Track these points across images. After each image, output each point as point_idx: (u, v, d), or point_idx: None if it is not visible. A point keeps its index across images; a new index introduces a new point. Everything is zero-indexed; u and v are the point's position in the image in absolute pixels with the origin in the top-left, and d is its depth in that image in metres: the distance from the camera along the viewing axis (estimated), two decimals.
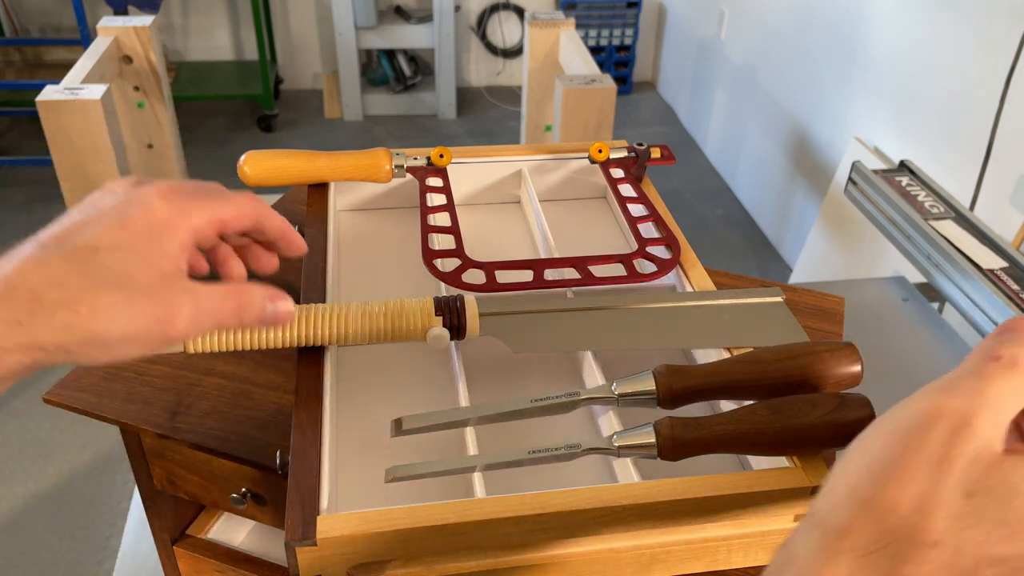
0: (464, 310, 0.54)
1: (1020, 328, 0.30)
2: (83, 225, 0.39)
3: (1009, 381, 0.28)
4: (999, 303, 1.03)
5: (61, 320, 0.37)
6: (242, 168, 0.74)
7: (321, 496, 0.48)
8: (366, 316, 0.52)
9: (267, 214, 0.46)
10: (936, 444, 0.27)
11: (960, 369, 0.29)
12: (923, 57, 1.79)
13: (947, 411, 0.28)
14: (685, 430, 0.50)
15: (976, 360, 0.29)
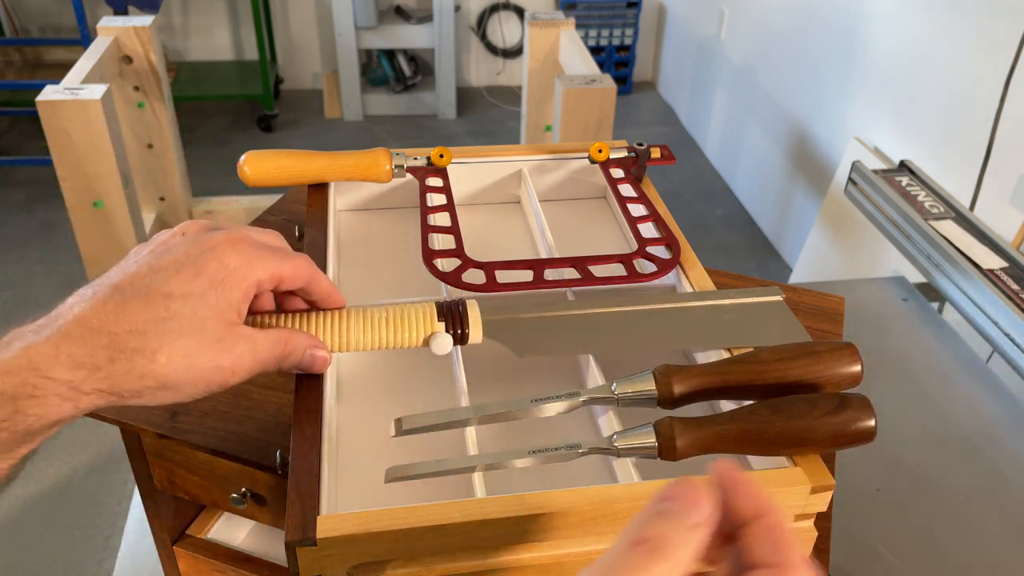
0: (467, 317, 0.53)
1: (675, 498, 0.28)
2: (158, 269, 0.40)
3: (653, 568, 0.26)
4: (999, 303, 1.03)
5: (139, 367, 0.38)
6: (242, 168, 0.74)
7: (321, 496, 0.48)
8: (367, 323, 0.50)
9: (318, 278, 0.48)
10: None
11: (608, 556, 0.27)
12: (923, 57, 1.79)
13: None
14: (685, 430, 0.50)
15: (621, 546, 0.27)
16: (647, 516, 0.28)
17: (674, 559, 0.26)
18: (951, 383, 1.03)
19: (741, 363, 0.53)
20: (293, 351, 0.45)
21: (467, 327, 0.51)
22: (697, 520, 0.27)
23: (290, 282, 0.45)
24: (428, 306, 0.52)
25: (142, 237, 1.93)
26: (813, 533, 0.53)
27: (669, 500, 0.28)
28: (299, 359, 0.46)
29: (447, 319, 0.51)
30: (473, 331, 0.52)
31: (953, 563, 0.80)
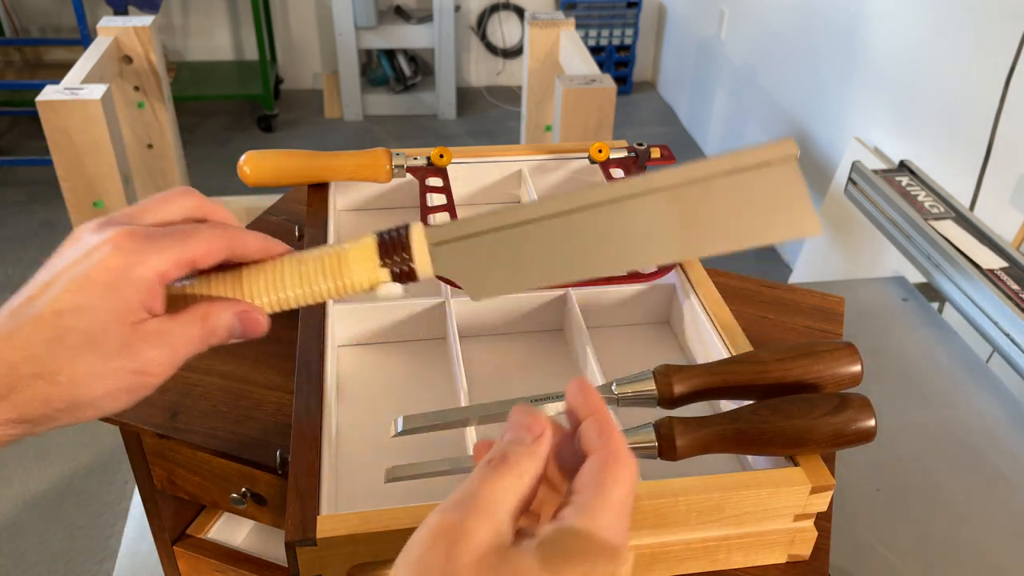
0: (410, 248, 0.43)
1: (515, 426, 0.33)
2: (48, 285, 0.38)
3: (500, 479, 0.31)
4: (999, 303, 1.03)
5: (41, 392, 0.37)
6: (242, 168, 0.74)
7: (321, 496, 0.48)
8: (300, 275, 0.43)
9: (242, 241, 0.42)
10: (439, 562, 0.29)
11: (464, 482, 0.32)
12: (923, 57, 1.79)
13: (443, 528, 0.30)
14: (685, 430, 0.50)
15: (477, 467, 0.32)
16: (498, 443, 0.33)
17: (519, 470, 0.32)
18: (951, 383, 1.03)
19: (741, 363, 0.53)
20: (217, 324, 0.41)
21: (412, 260, 0.43)
22: (535, 437, 0.33)
23: (206, 259, 0.41)
24: (367, 243, 0.43)
25: None
26: (813, 533, 0.53)
27: (511, 429, 0.33)
28: (227, 330, 0.41)
29: (389, 255, 0.43)
30: (420, 264, 0.43)
31: (953, 563, 0.80)
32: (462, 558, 0.29)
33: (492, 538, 0.29)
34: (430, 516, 0.30)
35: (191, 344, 0.40)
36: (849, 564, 0.79)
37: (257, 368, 0.68)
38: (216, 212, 0.43)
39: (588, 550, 0.29)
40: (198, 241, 0.40)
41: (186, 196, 0.42)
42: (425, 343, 0.69)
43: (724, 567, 0.53)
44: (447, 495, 0.31)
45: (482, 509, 0.30)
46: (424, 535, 0.30)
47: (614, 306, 0.71)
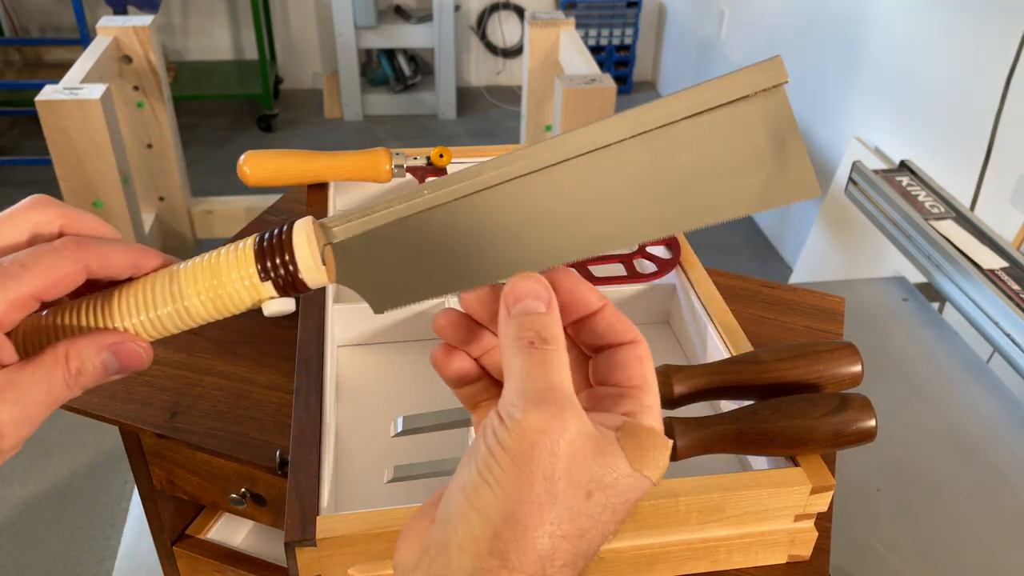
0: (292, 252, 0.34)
1: (523, 296, 0.32)
2: None
3: (553, 359, 0.30)
4: (999, 303, 1.03)
5: None
6: (242, 168, 0.74)
7: (321, 496, 0.48)
8: (173, 294, 0.35)
9: (100, 260, 0.34)
10: (545, 466, 0.28)
11: (513, 370, 0.30)
12: (923, 57, 1.79)
13: (538, 429, 0.29)
14: (685, 430, 0.49)
15: (518, 354, 0.31)
16: (518, 323, 0.31)
17: (559, 340, 0.31)
18: (951, 383, 1.03)
19: (741, 363, 0.53)
20: (84, 365, 0.34)
21: (295, 266, 0.34)
22: (546, 302, 0.32)
23: (55, 290, 0.33)
24: (244, 248, 0.35)
25: (141, 237, 1.93)
26: (814, 533, 0.53)
27: (521, 301, 0.32)
28: (99, 369, 0.34)
29: (268, 261, 0.34)
30: (306, 269, 0.34)
31: (953, 563, 0.80)
32: (564, 457, 0.29)
33: (580, 426, 0.29)
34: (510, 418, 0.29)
35: (53, 392, 0.33)
36: (849, 564, 0.79)
37: (257, 368, 0.67)
38: (77, 223, 0.36)
39: (657, 445, 0.31)
40: (37, 273, 0.32)
41: (36, 209, 0.35)
42: (425, 343, 0.69)
43: (724, 567, 0.53)
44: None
45: (562, 400, 0.29)
46: (516, 439, 0.29)
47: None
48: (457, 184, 0.33)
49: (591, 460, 0.29)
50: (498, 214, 0.33)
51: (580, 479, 0.29)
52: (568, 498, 0.29)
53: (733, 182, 0.33)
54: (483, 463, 0.29)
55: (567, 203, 0.33)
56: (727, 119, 0.32)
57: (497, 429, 0.29)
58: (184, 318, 0.35)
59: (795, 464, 0.51)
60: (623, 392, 0.32)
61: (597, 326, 0.34)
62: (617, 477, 0.29)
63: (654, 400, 0.32)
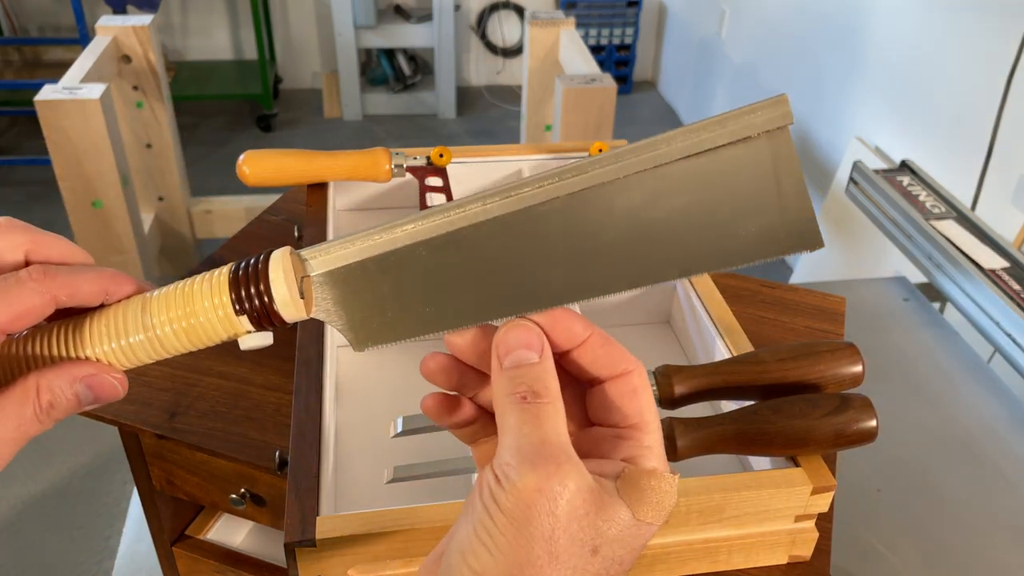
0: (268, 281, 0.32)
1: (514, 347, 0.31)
2: None
3: (548, 414, 0.30)
4: (1000, 303, 1.03)
5: None
6: (241, 168, 0.74)
7: (321, 497, 0.47)
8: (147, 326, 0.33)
9: (68, 289, 0.33)
10: (546, 529, 0.28)
11: (507, 426, 0.30)
12: (924, 56, 1.79)
13: (535, 490, 0.28)
14: (686, 430, 0.49)
15: (510, 409, 0.30)
16: (510, 376, 0.30)
17: (552, 392, 0.30)
18: (952, 383, 1.03)
19: (742, 363, 0.53)
20: (55, 397, 0.32)
21: (270, 298, 0.32)
22: (539, 350, 0.31)
23: (20, 322, 0.32)
24: (220, 276, 0.33)
25: (141, 237, 1.93)
26: (814, 534, 0.53)
27: (513, 352, 0.31)
28: (71, 401, 0.33)
29: (243, 292, 0.32)
30: (282, 302, 0.32)
31: (953, 563, 0.80)
32: (563, 515, 0.28)
33: (578, 481, 0.28)
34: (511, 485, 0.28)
35: (23, 428, 0.32)
36: (850, 564, 0.79)
37: (256, 368, 0.67)
38: (45, 248, 0.35)
39: (661, 488, 0.30)
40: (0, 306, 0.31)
41: (6, 234, 0.34)
42: (425, 343, 0.68)
43: (725, 568, 0.53)
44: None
45: (560, 456, 0.29)
46: (513, 501, 0.28)
47: (614, 306, 0.71)
48: (440, 219, 0.32)
49: (593, 516, 0.28)
50: (483, 252, 0.32)
51: (582, 536, 0.28)
52: (571, 556, 0.28)
53: (728, 230, 0.31)
54: (480, 525, 0.29)
55: (557, 244, 0.31)
56: (726, 161, 0.30)
57: (494, 489, 0.29)
58: (156, 348, 0.33)
59: (796, 464, 0.51)
60: (620, 434, 0.32)
61: (583, 358, 0.32)
62: (621, 529, 0.29)
63: (654, 438, 0.31)
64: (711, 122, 0.30)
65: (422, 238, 0.32)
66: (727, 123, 0.30)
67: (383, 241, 0.32)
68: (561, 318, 0.32)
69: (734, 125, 0.30)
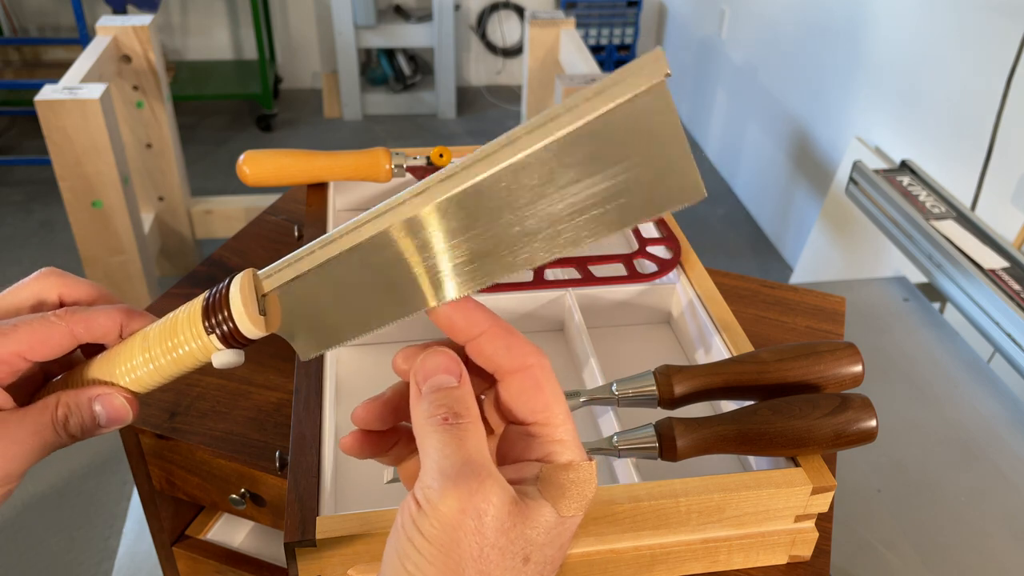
0: (228, 307, 0.36)
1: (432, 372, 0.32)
2: None
3: (470, 434, 0.30)
4: (1000, 303, 1.03)
5: None
6: (241, 168, 0.74)
7: (320, 497, 0.47)
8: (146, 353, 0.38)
9: (85, 325, 0.38)
10: (473, 547, 0.28)
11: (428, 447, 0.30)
12: (924, 56, 1.79)
13: (461, 511, 0.28)
14: (686, 431, 0.49)
15: (431, 431, 0.30)
16: (431, 400, 0.31)
17: (473, 413, 0.31)
18: (952, 383, 1.03)
19: (742, 363, 0.53)
20: (70, 412, 0.37)
21: (232, 318, 0.36)
22: (457, 375, 0.32)
23: (40, 351, 0.37)
24: (196, 304, 0.37)
25: (141, 237, 1.93)
26: (814, 534, 0.53)
27: (431, 377, 0.32)
28: (85, 420, 0.38)
29: (212, 315, 0.36)
30: (240, 320, 0.35)
31: (953, 563, 0.80)
32: (491, 531, 0.28)
33: (501, 495, 0.29)
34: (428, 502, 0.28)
35: (41, 435, 0.37)
36: (850, 565, 0.79)
37: (256, 368, 0.67)
38: (76, 291, 0.40)
39: (579, 479, 0.30)
40: (23, 333, 0.37)
41: (40, 280, 0.40)
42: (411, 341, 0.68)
43: (725, 568, 0.53)
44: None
45: (481, 473, 0.29)
46: (438, 526, 0.28)
47: (614, 306, 0.71)
48: (366, 225, 0.33)
49: (521, 526, 0.29)
50: (400, 251, 0.33)
51: (512, 548, 0.28)
52: (504, 571, 0.28)
53: (621, 191, 0.31)
54: (406, 557, 0.29)
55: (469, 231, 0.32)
56: (611, 125, 0.30)
57: (416, 516, 0.29)
58: (157, 376, 0.38)
59: (796, 464, 0.51)
60: (530, 431, 0.32)
61: (485, 348, 0.32)
62: (548, 531, 0.29)
63: (565, 430, 0.32)
64: (592, 90, 0.30)
65: (349, 245, 0.34)
66: (607, 88, 0.30)
67: (319, 253, 0.35)
68: (463, 306, 0.33)
69: (614, 89, 0.30)
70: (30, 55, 3.21)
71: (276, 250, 0.83)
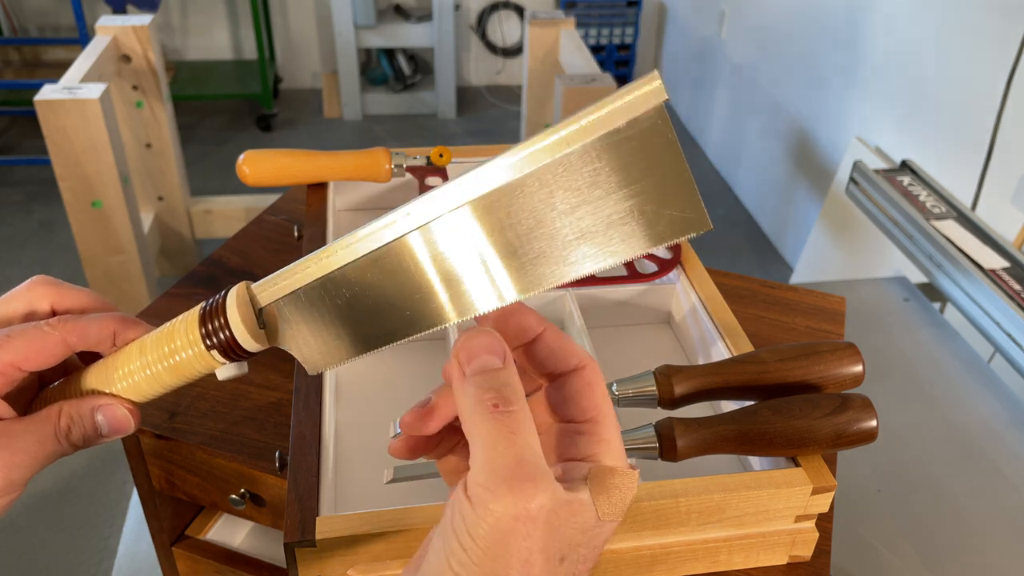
0: (228, 321, 0.35)
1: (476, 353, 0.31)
2: None
3: (520, 424, 0.29)
4: (1001, 303, 1.03)
5: None
6: (241, 168, 0.74)
7: (320, 497, 0.47)
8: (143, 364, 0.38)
9: (79, 334, 0.38)
10: (521, 554, 0.28)
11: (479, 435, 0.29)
12: (925, 56, 1.79)
13: (514, 516, 0.27)
14: (686, 431, 0.49)
15: (480, 418, 0.29)
16: (476, 383, 0.30)
17: (520, 397, 0.30)
18: (953, 383, 1.03)
19: (742, 363, 0.53)
20: (73, 422, 0.38)
21: (230, 329, 0.35)
22: (502, 356, 0.31)
23: (35, 361, 0.38)
24: (192, 314, 0.37)
25: (140, 237, 1.93)
26: (814, 534, 0.53)
27: (476, 358, 0.31)
28: (88, 429, 0.38)
29: (210, 325, 0.36)
30: (239, 333, 0.35)
31: (953, 563, 0.80)
32: (540, 537, 0.28)
33: (553, 497, 0.28)
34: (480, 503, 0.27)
35: (44, 444, 0.37)
36: (850, 565, 0.79)
37: (256, 368, 0.67)
38: (68, 299, 0.41)
39: (622, 484, 0.30)
40: (18, 343, 0.37)
41: (32, 289, 0.40)
42: (425, 343, 0.68)
43: (725, 568, 0.53)
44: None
45: (536, 476, 0.28)
46: (488, 529, 0.27)
47: (614, 306, 0.71)
48: (363, 240, 0.33)
49: (564, 527, 0.29)
50: (404, 267, 0.33)
51: (553, 550, 0.28)
52: (543, 572, 0.28)
53: (624, 218, 0.31)
54: (453, 556, 0.28)
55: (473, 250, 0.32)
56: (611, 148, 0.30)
57: (467, 515, 0.28)
58: (155, 384, 0.38)
59: (796, 465, 0.51)
60: (579, 429, 0.32)
61: (539, 353, 0.33)
62: (585, 532, 0.29)
63: (612, 432, 0.32)
64: (590, 111, 0.30)
65: (347, 261, 0.33)
66: (604, 109, 0.30)
67: (314, 269, 0.34)
68: (514, 313, 0.32)
69: (612, 112, 0.30)
70: (30, 55, 3.21)
71: (276, 250, 0.82)
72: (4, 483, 0.36)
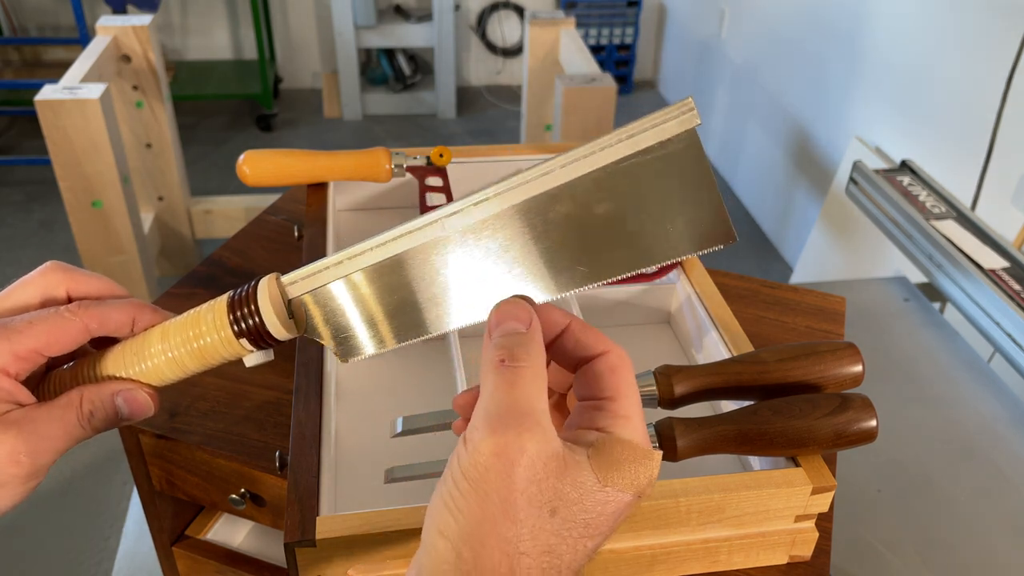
0: (257, 307, 0.37)
1: (504, 319, 0.33)
2: None
3: (524, 378, 0.31)
4: (1001, 303, 1.03)
5: None
6: (241, 168, 0.74)
7: (320, 497, 0.47)
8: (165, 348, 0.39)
9: (99, 320, 0.39)
10: (500, 489, 0.29)
11: (486, 389, 0.31)
12: (924, 56, 1.79)
13: (496, 452, 0.29)
14: (686, 431, 0.49)
15: (490, 373, 0.31)
16: (495, 343, 0.32)
17: (533, 361, 0.31)
18: (952, 383, 1.03)
19: (742, 363, 0.53)
20: (94, 408, 0.38)
21: (260, 317, 0.37)
22: (527, 324, 0.32)
23: (56, 346, 0.38)
24: (220, 302, 0.38)
25: (141, 237, 1.93)
26: (814, 534, 0.53)
27: (503, 323, 0.33)
28: (109, 413, 0.39)
29: (239, 313, 0.37)
30: (270, 321, 0.37)
31: (953, 563, 0.80)
32: (520, 478, 0.29)
33: (544, 447, 0.29)
34: (475, 446, 0.29)
35: (67, 430, 0.38)
36: (850, 565, 0.79)
37: (256, 368, 0.67)
38: (84, 285, 0.41)
39: (634, 458, 0.30)
40: (39, 330, 0.37)
41: (46, 275, 0.40)
42: (425, 343, 0.68)
43: (725, 568, 0.53)
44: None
45: (525, 421, 0.29)
46: (474, 466, 0.29)
47: (614, 306, 0.71)
48: (398, 239, 0.36)
49: (554, 478, 0.29)
50: (434, 267, 0.35)
51: (541, 498, 0.29)
52: (529, 517, 0.29)
53: (651, 229, 0.34)
54: (446, 489, 0.30)
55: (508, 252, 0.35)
56: (645, 165, 0.33)
57: (460, 455, 0.30)
58: (175, 369, 0.39)
59: (796, 464, 0.51)
60: (598, 405, 0.32)
61: (566, 344, 0.34)
62: (583, 494, 0.29)
63: (631, 410, 0.32)
64: (628, 131, 0.33)
65: (382, 258, 0.36)
66: (641, 130, 0.33)
67: (348, 264, 0.36)
68: (541, 310, 0.34)
69: (649, 133, 0.33)
70: (30, 55, 3.21)
71: (276, 250, 0.83)
72: (30, 468, 0.37)
